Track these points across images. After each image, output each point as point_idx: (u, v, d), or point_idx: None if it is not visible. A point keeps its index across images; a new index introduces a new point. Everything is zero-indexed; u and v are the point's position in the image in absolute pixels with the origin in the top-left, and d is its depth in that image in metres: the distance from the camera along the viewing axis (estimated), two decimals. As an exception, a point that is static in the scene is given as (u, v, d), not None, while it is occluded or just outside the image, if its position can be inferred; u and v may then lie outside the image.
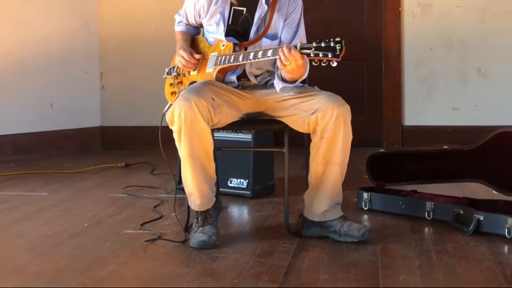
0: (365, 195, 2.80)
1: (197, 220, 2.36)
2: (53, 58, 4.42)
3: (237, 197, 3.09)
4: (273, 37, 2.47)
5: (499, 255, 2.17)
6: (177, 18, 2.65)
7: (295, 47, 2.21)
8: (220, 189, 3.10)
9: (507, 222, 2.33)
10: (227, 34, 2.46)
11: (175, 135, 2.28)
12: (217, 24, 2.47)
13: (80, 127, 4.61)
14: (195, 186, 2.32)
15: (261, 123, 2.53)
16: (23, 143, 4.39)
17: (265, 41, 2.45)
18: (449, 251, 2.23)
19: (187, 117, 2.21)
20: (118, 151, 4.58)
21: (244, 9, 2.47)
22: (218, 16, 2.46)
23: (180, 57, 2.48)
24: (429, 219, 2.59)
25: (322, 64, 2.22)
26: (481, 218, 2.39)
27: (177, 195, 2.60)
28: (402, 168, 2.90)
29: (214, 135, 3.02)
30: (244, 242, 2.39)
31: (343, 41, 2.16)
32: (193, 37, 2.62)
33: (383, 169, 2.92)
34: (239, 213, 2.92)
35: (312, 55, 2.18)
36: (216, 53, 2.45)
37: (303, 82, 2.54)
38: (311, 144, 2.40)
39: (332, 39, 2.17)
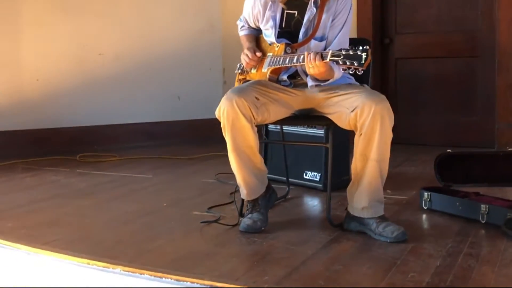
0: (426, 194, 2.81)
1: (247, 207, 2.60)
2: (180, 55, 4.90)
3: (310, 189, 3.25)
4: (321, 38, 2.59)
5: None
6: (239, 23, 2.88)
7: (321, 55, 2.35)
8: (296, 181, 3.31)
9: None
10: (281, 36, 2.63)
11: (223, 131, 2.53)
12: (271, 27, 2.66)
13: (204, 118, 5.05)
14: (241, 178, 2.55)
15: (309, 119, 2.68)
16: (153, 131, 4.94)
17: (313, 43, 2.58)
18: (481, 254, 2.21)
19: (229, 116, 2.44)
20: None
21: (296, 12, 2.63)
22: (271, 20, 2.66)
23: (244, 55, 2.69)
24: (483, 222, 2.56)
25: (350, 71, 2.32)
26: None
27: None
28: (469, 169, 2.86)
29: (287, 128, 3.28)
30: (288, 230, 2.55)
31: (369, 50, 2.24)
32: (258, 37, 2.82)
33: (451, 170, 2.90)
34: (302, 204, 3.08)
35: (340, 62, 2.29)
36: (271, 54, 2.65)
37: (358, 79, 2.65)
38: (354, 140, 2.49)
39: (360, 47, 2.26)
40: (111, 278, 2.12)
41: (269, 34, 2.69)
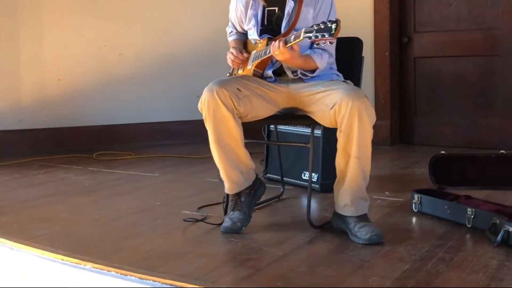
0: (416, 197, 2.75)
1: (229, 204, 2.61)
2: (199, 55, 4.95)
3: (304, 189, 3.23)
4: None
5: (501, 270, 2.04)
6: (228, 29, 2.89)
7: (285, 40, 2.36)
8: (294, 181, 3.31)
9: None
10: (263, 33, 2.63)
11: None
12: (254, 26, 2.66)
13: (223, 117, 5.09)
14: (223, 171, 2.55)
15: (292, 118, 2.67)
16: (172, 130, 5.01)
17: None
18: (455, 260, 2.15)
19: (209, 106, 2.44)
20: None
21: (276, 8, 2.62)
22: (253, 19, 2.66)
23: (230, 54, 2.71)
24: (469, 226, 2.48)
25: (323, 44, 2.33)
26: (510, 229, 2.25)
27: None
28: (462, 171, 2.80)
29: (281, 127, 3.28)
30: (269, 231, 2.56)
31: (339, 21, 2.24)
32: (245, 41, 2.83)
33: (445, 172, 2.84)
34: (294, 204, 3.05)
35: (313, 37, 2.27)
36: (255, 51, 2.65)
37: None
38: (337, 136, 2.45)
39: (329, 20, 2.26)
40: (81, 275, 2.18)
41: (252, 33, 2.70)
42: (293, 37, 2.37)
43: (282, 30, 2.60)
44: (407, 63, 4.65)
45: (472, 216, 2.47)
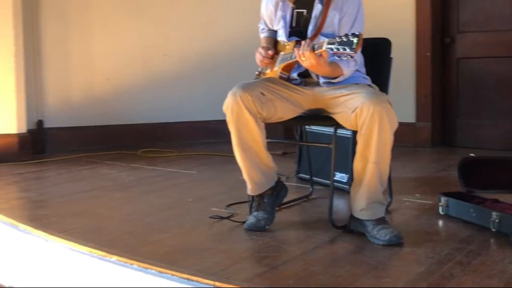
0: (443, 200, 2.73)
1: (253, 205, 2.67)
2: (239, 55, 5.01)
3: (338, 190, 3.24)
4: (331, 35, 2.55)
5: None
6: (260, 26, 2.93)
7: (313, 46, 2.35)
8: (326, 182, 3.33)
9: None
10: (292, 35, 2.65)
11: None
12: (283, 27, 2.69)
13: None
14: (246, 173, 2.61)
15: (315, 119, 2.70)
16: (215, 128, 5.10)
17: (322, 39, 2.54)
18: (472, 264, 2.13)
19: (233, 110, 2.51)
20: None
21: (305, 10, 2.65)
22: (282, 21, 2.69)
23: (258, 53, 2.73)
24: (494, 230, 2.45)
25: (344, 58, 2.31)
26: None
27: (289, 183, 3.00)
28: (491, 175, 2.75)
29: (313, 128, 3.30)
30: (292, 230, 2.61)
31: (361, 35, 2.23)
32: (276, 39, 2.86)
33: (474, 175, 2.79)
34: (322, 205, 3.07)
35: (334, 50, 2.28)
36: (283, 53, 2.69)
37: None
38: (357, 139, 2.47)
39: (352, 33, 2.26)
40: (107, 267, 2.28)
41: (281, 34, 2.73)
42: (316, 45, 2.38)
43: (309, 33, 2.62)
44: (450, 64, 4.58)
45: (497, 221, 2.44)
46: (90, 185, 3.58)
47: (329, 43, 2.30)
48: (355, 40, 2.23)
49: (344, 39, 2.26)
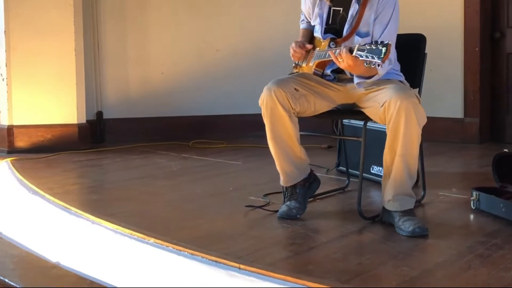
0: (474, 194, 2.76)
1: (286, 194, 2.79)
2: (288, 51, 5.11)
3: (375, 183, 3.31)
4: (365, 34, 2.63)
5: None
6: (301, 16, 3.02)
7: (350, 49, 2.42)
8: (364, 175, 3.39)
9: None
10: (327, 32, 2.74)
11: None
12: (319, 24, 2.77)
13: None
14: (279, 165, 2.73)
15: (346, 113, 2.79)
16: (263, 121, 5.23)
17: (356, 39, 2.64)
18: (492, 257, 2.17)
19: (268, 105, 2.63)
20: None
21: (341, 8, 2.72)
22: (319, 17, 2.78)
23: (291, 47, 2.83)
24: (524, 225, 2.49)
25: (372, 66, 2.37)
26: (555, 230, 2.24)
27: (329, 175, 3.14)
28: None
29: (353, 122, 3.38)
30: (323, 219, 2.70)
31: (389, 45, 2.28)
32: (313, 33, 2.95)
33: (508, 170, 2.81)
34: (354, 196, 3.09)
35: (363, 57, 2.35)
36: (318, 49, 2.78)
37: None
38: (386, 132, 2.54)
39: (381, 42, 2.32)
40: (146, 249, 2.45)
41: (317, 30, 2.81)
42: (356, 48, 2.40)
43: (344, 32, 2.69)
44: (499, 59, 4.52)
45: (525, 216, 2.47)
46: (141, 173, 3.79)
47: (358, 49, 2.36)
48: (383, 49, 2.28)
49: (374, 47, 2.31)
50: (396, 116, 2.43)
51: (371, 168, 3.38)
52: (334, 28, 2.76)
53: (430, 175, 3.54)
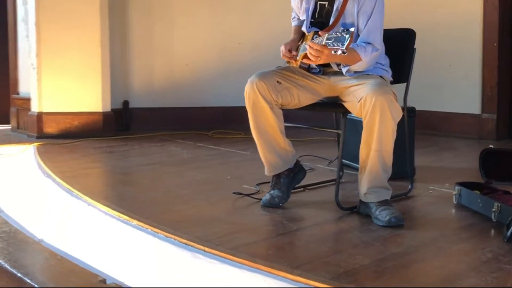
0: (456, 189, 2.78)
1: (271, 183, 2.88)
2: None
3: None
4: (350, 26, 2.66)
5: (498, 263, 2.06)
6: (292, 14, 3.09)
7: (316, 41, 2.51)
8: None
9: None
10: (314, 26, 2.80)
11: None
12: (306, 18, 2.85)
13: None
14: (262, 155, 2.83)
15: (326, 106, 2.85)
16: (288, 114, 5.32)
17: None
18: (444, 249, 2.21)
19: (250, 96, 2.73)
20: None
21: (326, 2, 2.78)
22: (306, 12, 2.84)
23: (281, 51, 2.94)
24: (494, 220, 2.49)
25: (337, 53, 2.41)
26: (520, 226, 2.24)
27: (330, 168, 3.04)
28: (509, 167, 2.75)
29: (350, 115, 3.39)
30: (303, 209, 2.77)
31: (352, 32, 2.35)
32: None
33: (493, 166, 2.81)
34: (345, 188, 3.14)
35: (331, 45, 2.40)
36: (305, 43, 2.85)
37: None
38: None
39: (347, 29, 2.38)
40: (129, 230, 2.59)
41: (304, 25, 2.90)
42: (318, 40, 2.52)
43: (329, 24, 2.76)
44: (521, 54, 4.46)
45: (498, 211, 2.47)
46: (152, 159, 3.96)
47: (328, 38, 2.44)
48: (347, 36, 2.35)
49: (339, 35, 2.38)
50: (372, 112, 2.49)
51: (368, 161, 3.42)
52: (321, 22, 2.82)
53: (431, 169, 3.59)
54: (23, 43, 5.13)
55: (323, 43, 2.46)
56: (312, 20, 2.85)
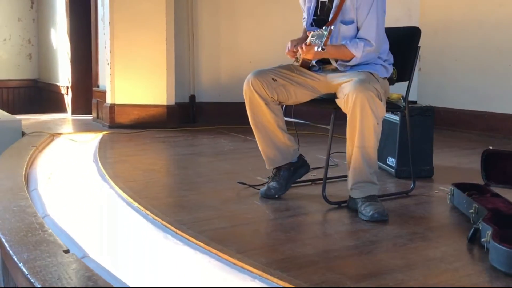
0: (450, 190, 2.73)
1: (271, 175, 2.99)
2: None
3: (389, 174, 3.35)
4: (350, 22, 2.73)
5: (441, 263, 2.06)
6: (304, 14, 3.17)
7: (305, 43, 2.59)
8: (381, 165, 3.40)
9: (485, 236, 2.10)
10: (317, 24, 2.86)
11: None
12: (307, 17, 2.93)
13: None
14: (261, 149, 2.94)
15: (319, 103, 2.89)
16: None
17: (342, 27, 2.74)
18: (406, 246, 2.20)
19: (246, 93, 2.87)
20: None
21: (327, 0, 2.84)
22: (308, 11, 2.92)
23: (287, 47, 3.03)
24: (472, 222, 2.43)
25: (320, 49, 2.50)
26: (480, 228, 2.20)
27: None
28: (504, 169, 2.65)
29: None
30: (298, 201, 2.84)
31: (330, 29, 2.43)
32: (313, 29, 3.09)
33: (493, 168, 2.72)
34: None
35: (313, 42, 2.50)
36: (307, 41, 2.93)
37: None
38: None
39: (327, 27, 2.46)
40: (125, 208, 2.81)
41: (307, 24, 2.98)
42: (310, 35, 2.60)
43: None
44: None
45: (475, 213, 2.42)
46: (194, 150, 4.20)
47: (312, 36, 2.53)
48: (325, 33, 2.44)
49: (320, 33, 2.48)
50: (353, 109, 2.54)
51: (387, 159, 3.42)
52: (323, 19, 2.88)
53: (451, 169, 3.50)
54: (102, 40, 5.60)
55: (308, 40, 2.56)
56: (315, 17, 2.92)
